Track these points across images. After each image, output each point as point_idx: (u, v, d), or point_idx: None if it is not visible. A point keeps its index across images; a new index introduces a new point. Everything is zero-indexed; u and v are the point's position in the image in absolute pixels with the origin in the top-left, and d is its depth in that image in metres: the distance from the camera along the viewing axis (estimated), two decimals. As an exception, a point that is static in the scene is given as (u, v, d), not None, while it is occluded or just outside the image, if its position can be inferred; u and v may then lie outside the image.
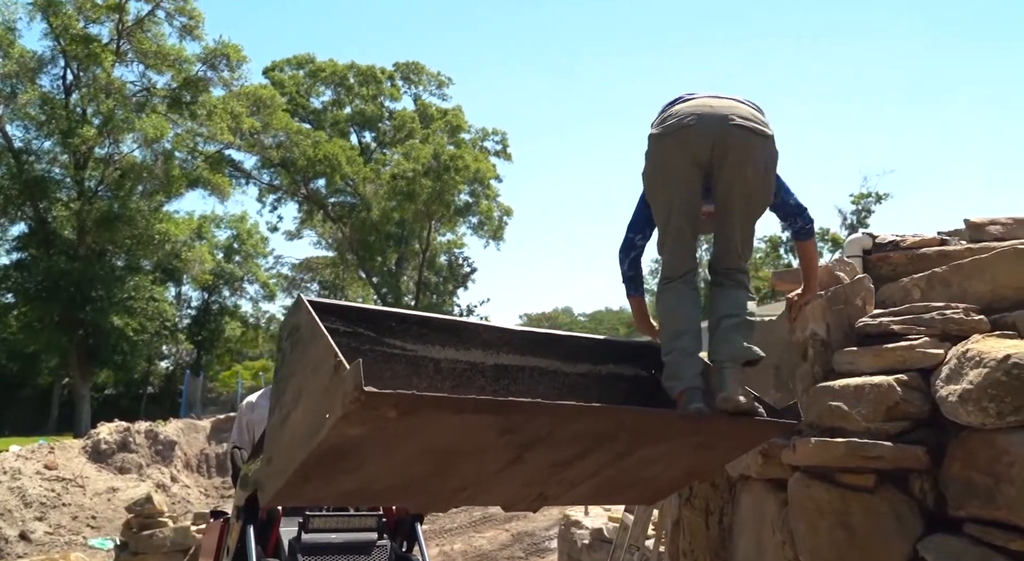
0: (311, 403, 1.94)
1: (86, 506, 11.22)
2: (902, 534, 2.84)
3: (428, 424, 1.91)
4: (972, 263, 3.35)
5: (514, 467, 2.27)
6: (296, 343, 2.13)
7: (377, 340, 2.47)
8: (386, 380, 2.37)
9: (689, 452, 2.69)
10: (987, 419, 2.63)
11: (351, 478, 2.14)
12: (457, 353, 2.61)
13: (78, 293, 23.94)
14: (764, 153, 2.73)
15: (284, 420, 2.11)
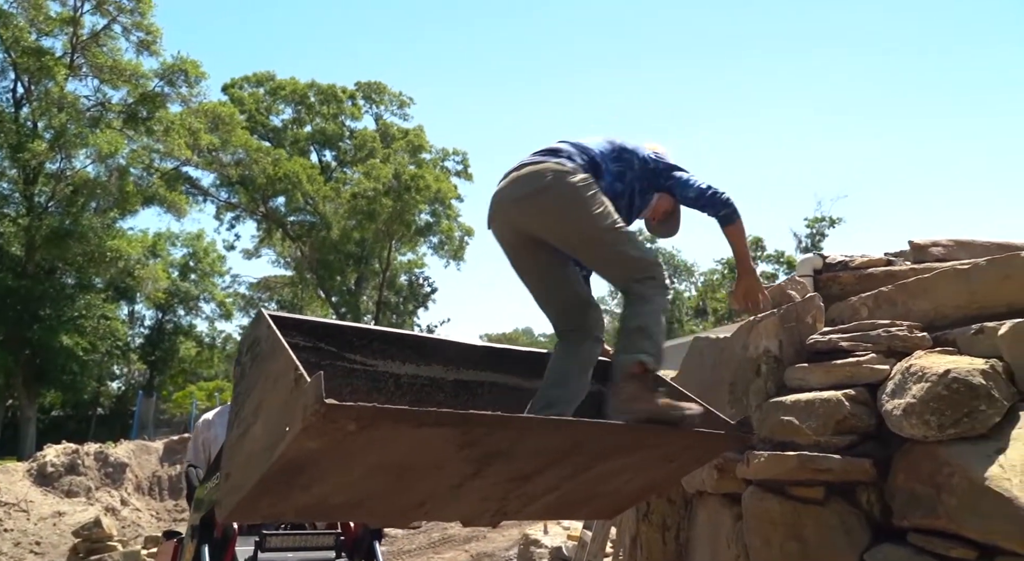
0: (271, 417, 1.93)
1: (30, 531, 10.84)
2: (850, 545, 2.91)
3: (388, 437, 1.92)
4: (916, 283, 3.49)
5: (473, 482, 2.28)
6: (256, 357, 2.13)
7: (338, 355, 2.48)
8: (346, 395, 2.40)
9: (648, 466, 2.73)
10: (929, 431, 2.73)
11: (309, 493, 2.12)
12: (417, 369, 2.64)
13: (25, 311, 23.30)
14: (551, 202, 2.65)
15: (243, 435, 2.10)
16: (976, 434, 2.69)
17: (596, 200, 2.63)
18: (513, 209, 2.70)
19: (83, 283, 26.31)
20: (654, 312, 2.63)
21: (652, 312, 2.62)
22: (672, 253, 47.88)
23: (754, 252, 39.09)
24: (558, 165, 2.65)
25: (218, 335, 42.78)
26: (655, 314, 2.63)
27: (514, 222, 2.73)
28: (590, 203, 2.62)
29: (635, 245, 2.72)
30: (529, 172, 2.69)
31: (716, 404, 3.80)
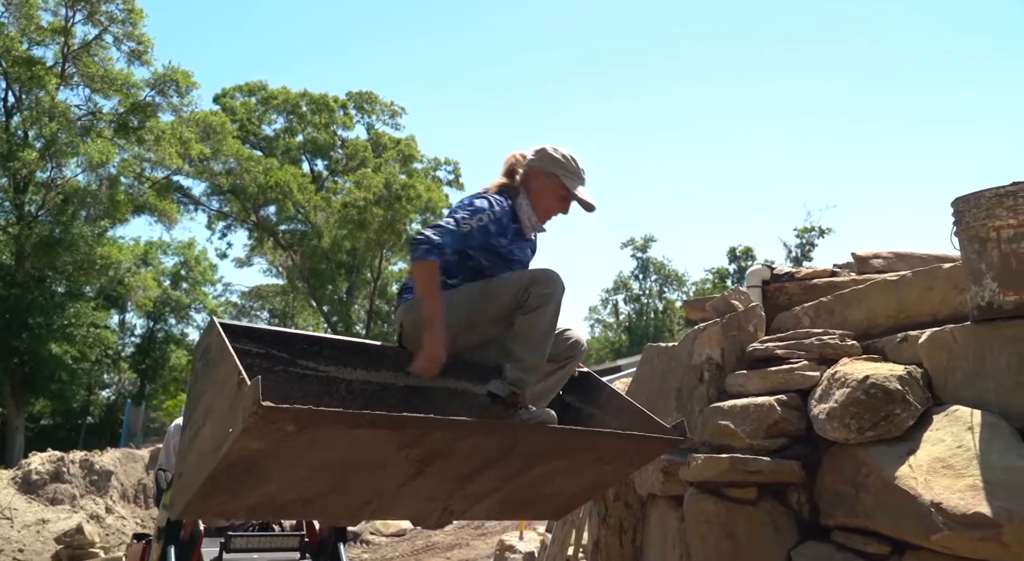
0: (218, 419, 2.04)
1: (13, 539, 10.90)
2: (779, 543, 3.07)
3: (327, 439, 2.02)
4: (851, 293, 3.66)
5: (416, 481, 2.39)
6: (207, 363, 2.25)
7: (291, 361, 2.57)
8: (299, 399, 2.47)
9: (584, 468, 2.82)
10: (849, 434, 2.89)
11: (256, 492, 2.23)
12: (368, 374, 2.71)
13: (14, 320, 23.29)
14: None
15: (194, 436, 2.22)
16: (892, 436, 2.86)
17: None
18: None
19: (73, 291, 26.28)
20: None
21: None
22: (663, 263, 48.16)
23: (744, 261, 39.34)
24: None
25: (209, 344, 42.69)
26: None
27: None
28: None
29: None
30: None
31: (664, 410, 3.96)
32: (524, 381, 2.44)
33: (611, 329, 50.32)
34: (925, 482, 2.58)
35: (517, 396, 2.43)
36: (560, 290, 2.46)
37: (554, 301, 2.44)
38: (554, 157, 2.75)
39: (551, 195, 2.74)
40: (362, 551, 12.21)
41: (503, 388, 2.42)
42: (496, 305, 2.48)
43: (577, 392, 2.95)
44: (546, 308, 2.41)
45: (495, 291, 2.50)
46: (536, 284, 2.42)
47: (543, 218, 2.76)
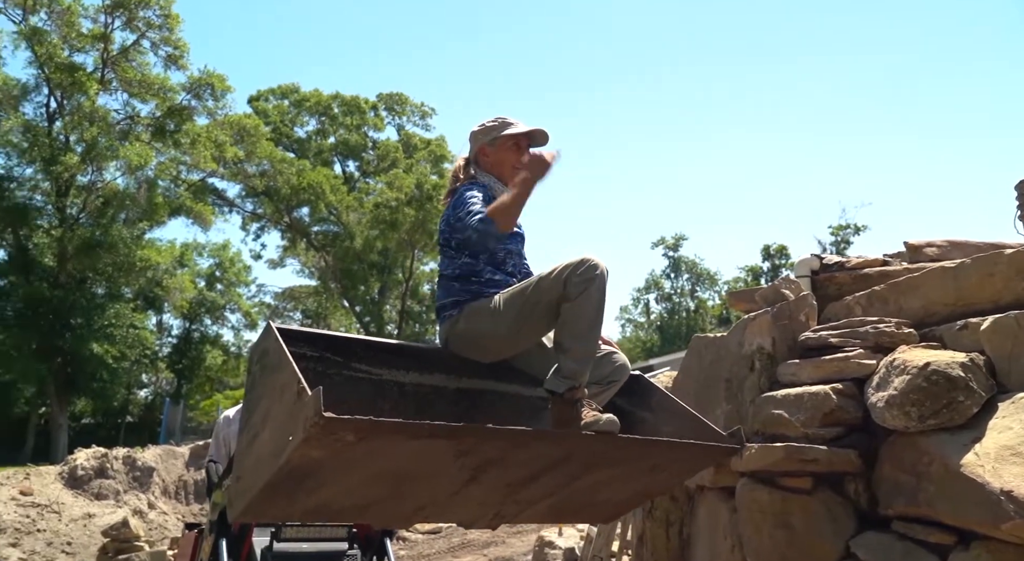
0: (277, 425, 2.06)
1: (61, 532, 11.15)
2: (836, 532, 3.02)
3: (385, 448, 2.03)
4: (906, 281, 3.59)
5: (470, 488, 2.38)
6: (264, 368, 2.26)
7: (344, 365, 2.57)
8: (352, 403, 2.43)
9: (637, 475, 2.77)
10: (909, 422, 2.84)
11: (313, 497, 2.25)
12: (420, 377, 2.70)
13: (57, 321, 23.84)
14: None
15: (252, 440, 2.23)
16: (955, 424, 2.79)
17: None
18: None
19: (113, 293, 26.84)
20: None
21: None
22: (695, 261, 47.79)
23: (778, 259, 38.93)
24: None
25: (244, 344, 43.29)
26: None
27: None
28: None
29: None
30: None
31: (713, 400, 3.93)
32: (579, 372, 2.40)
33: (642, 328, 50.07)
34: (993, 470, 2.52)
35: (575, 390, 2.39)
36: (600, 272, 2.40)
37: (596, 284, 2.38)
38: (483, 129, 2.82)
39: (505, 154, 2.79)
40: (399, 548, 12.28)
41: (560, 383, 2.40)
42: (540, 302, 2.45)
43: (627, 395, 2.90)
44: (589, 293, 2.37)
45: (536, 289, 2.47)
46: (575, 272, 2.38)
47: (513, 178, 2.64)
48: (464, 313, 2.60)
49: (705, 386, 4.02)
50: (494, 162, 2.80)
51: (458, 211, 2.62)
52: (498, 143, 2.80)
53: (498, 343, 2.57)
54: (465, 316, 2.59)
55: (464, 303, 2.62)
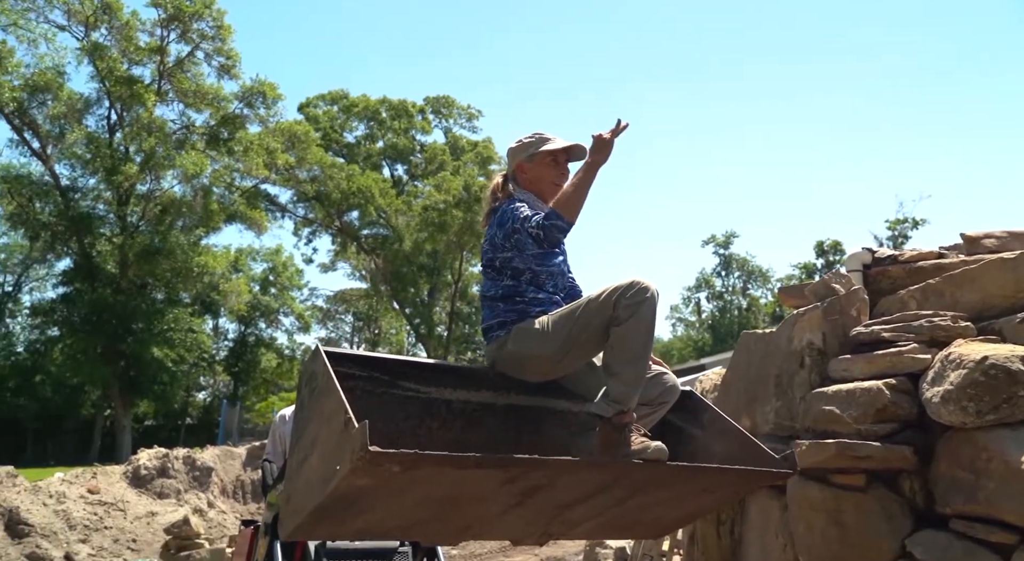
0: (325, 452, 2.09)
1: (127, 529, 11.53)
2: (892, 531, 2.95)
3: (432, 476, 2.05)
4: (963, 273, 3.49)
5: (517, 509, 2.38)
6: (313, 391, 2.29)
7: (392, 383, 2.58)
8: (399, 421, 2.52)
9: (690, 497, 2.75)
10: (967, 418, 2.76)
11: (361, 519, 2.29)
12: (468, 394, 2.69)
13: (120, 325, 24.68)
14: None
15: (302, 463, 2.28)
16: (1016, 420, 2.71)
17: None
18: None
19: (171, 298, 27.69)
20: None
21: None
22: (746, 259, 47.04)
23: (833, 255, 38.04)
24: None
25: (297, 347, 44.18)
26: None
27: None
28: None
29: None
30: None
31: (762, 397, 3.87)
32: (628, 396, 2.36)
33: (693, 328, 49.47)
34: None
35: (624, 414, 2.35)
36: (651, 296, 2.36)
37: (645, 307, 2.35)
38: (520, 146, 2.79)
39: (544, 170, 2.76)
40: (450, 548, 12.38)
41: (608, 407, 2.36)
42: (589, 325, 2.42)
43: (678, 411, 2.86)
44: (638, 316, 2.34)
45: (585, 311, 2.44)
46: (624, 295, 2.35)
47: (552, 195, 2.67)
48: (512, 334, 2.58)
49: (754, 383, 3.96)
50: (532, 178, 2.77)
51: (505, 227, 2.60)
52: (536, 159, 2.76)
53: (546, 364, 2.55)
54: (513, 337, 2.57)
55: (511, 324, 2.60)
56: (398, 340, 46.72)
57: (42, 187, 25.42)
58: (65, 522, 11.20)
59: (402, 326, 43.14)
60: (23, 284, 38.82)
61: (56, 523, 11.11)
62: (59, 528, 11.02)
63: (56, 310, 27.39)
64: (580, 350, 2.49)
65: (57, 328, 27.79)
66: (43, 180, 25.61)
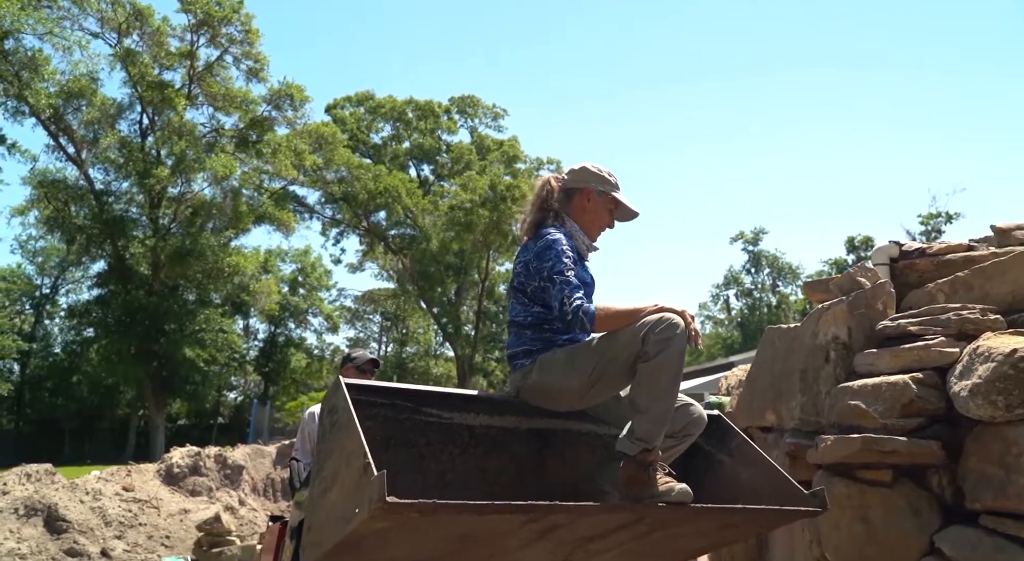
0: (344, 490, 2.10)
1: (160, 526, 11.72)
2: (919, 527, 2.91)
3: (451, 520, 2.06)
4: (993, 265, 3.43)
5: (539, 542, 2.36)
6: (335, 424, 2.29)
7: (414, 409, 2.57)
8: (421, 446, 2.52)
9: (713, 531, 2.72)
10: (996, 412, 2.71)
11: (383, 553, 2.30)
12: (491, 419, 2.66)
13: (153, 326, 25.06)
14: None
15: (323, 494, 2.29)
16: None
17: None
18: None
19: (202, 299, 28.06)
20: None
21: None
22: (776, 256, 46.52)
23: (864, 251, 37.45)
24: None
25: (326, 347, 44.58)
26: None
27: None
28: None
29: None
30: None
31: (787, 392, 3.84)
32: (654, 434, 2.33)
33: (722, 325, 49.02)
34: (1086, 460, 2.39)
35: (648, 452, 2.31)
36: (680, 331, 2.32)
37: (674, 343, 2.30)
38: (600, 175, 2.71)
39: (603, 212, 2.72)
40: None
41: (633, 445, 2.32)
42: (617, 359, 2.39)
43: (706, 435, 2.81)
44: (666, 355, 2.30)
45: (613, 345, 2.40)
46: (652, 331, 2.31)
47: (595, 236, 2.71)
48: (537, 364, 2.53)
49: (779, 378, 3.93)
50: (589, 210, 2.71)
51: (543, 267, 2.51)
52: (604, 197, 2.71)
53: (572, 397, 2.51)
54: (538, 368, 2.53)
55: (536, 353, 2.56)
56: (425, 339, 46.96)
57: (77, 191, 25.89)
58: (101, 519, 11.41)
59: (429, 325, 43.31)
60: (60, 286, 39.65)
61: (93, 519, 11.32)
62: (95, 524, 11.23)
63: (91, 311, 27.90)
64: (607, 384, 2.46)
65: (92, 329, 28.31)
66: (78, 184, 26.09)
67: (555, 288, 2.44)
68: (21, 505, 11.22)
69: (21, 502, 11.27)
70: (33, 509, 11.19)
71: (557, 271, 2.46)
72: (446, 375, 43.22)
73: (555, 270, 2.47)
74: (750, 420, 4.24)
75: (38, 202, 26.58)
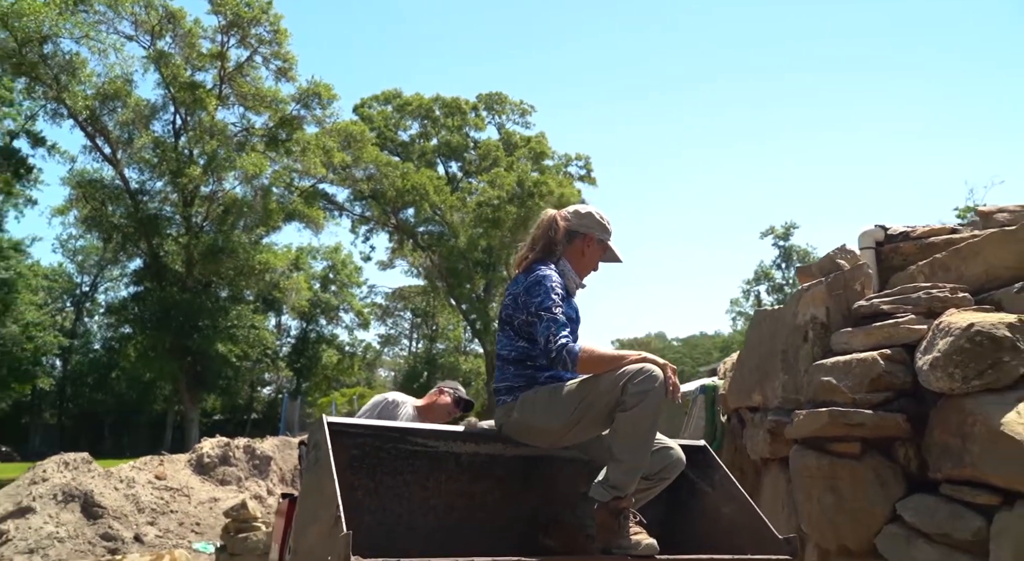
0: (321, 531, 2.18)
1: (191, 513, 12.10)
2: (885, 496, 3.02)
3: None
4: (968, 246, 3.51)
5: None
6: (316, 461, 2.38)
7: (400, 439, 2.65)
8: (406, 474, 2.60)
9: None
10: (954, 384, 2.81)
11: None
12: (477, 447, 2.71)
13: (187, 322, 25.64)
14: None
15: (306, 526, 2.41)
16: (1001, 385, 2.76)
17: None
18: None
19: (235, 295, 28.64)
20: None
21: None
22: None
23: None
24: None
25: (358, 344, 45.13)
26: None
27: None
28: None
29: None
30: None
31: (771, 372, 3.95)
32: (626, 484, 2.38)
33: (753, 321, 48.60)
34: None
35: (620, 500, 2.37)
36: (657, 386, 2.34)
37: (651, 399, 2.34)
38: (602, 224, 2.80)
39: (596, 256, 2.80)
40: None
41: (605, 492, 2.38)
42: (596, 405, 2.43)
43: (692, 465, 2.86)
44: (643, 407, 2.33)
45: (593, 390, 2.44)
46: (632, 381, 2.34)
47: (584, 276, 2.79)
48: (519, 402, 2.57)
49: (765, 359, 4.04)
50: (587, 253, 2.78)
51: (532, 302, 2.55)
52: (600, 244, 2.81)
53: (551, 437, 2.56)
54: (520, 406, 2.56)
55: (518, 390, 2.59)
56: (455, 336, 47.24)
57: (113, 191, 26.58)
58: (135, 505, 11.83)
59: (459, 322, 43.60)
60: (99, 284, 40.73)
61: (126, 506, 11.74)
62: (129, 511, 11.64)
63: (128, 308, 28.64)
64: (585, 428, 2.50)
65: (129, 326, 29.05)
66: (114, 184, 26.78)
67: (542, 324, 2.48)
68: (59, 491, 11.68)
69: (59, 489, 11.73)
70: (71, 495, 11.64)
71: (545, 307, 2.50)
72: (475, 371, 43.52)
73: (543, 306, 2.51)
74: (739, 401, 4.35)
75: (77, 202, 27.34)
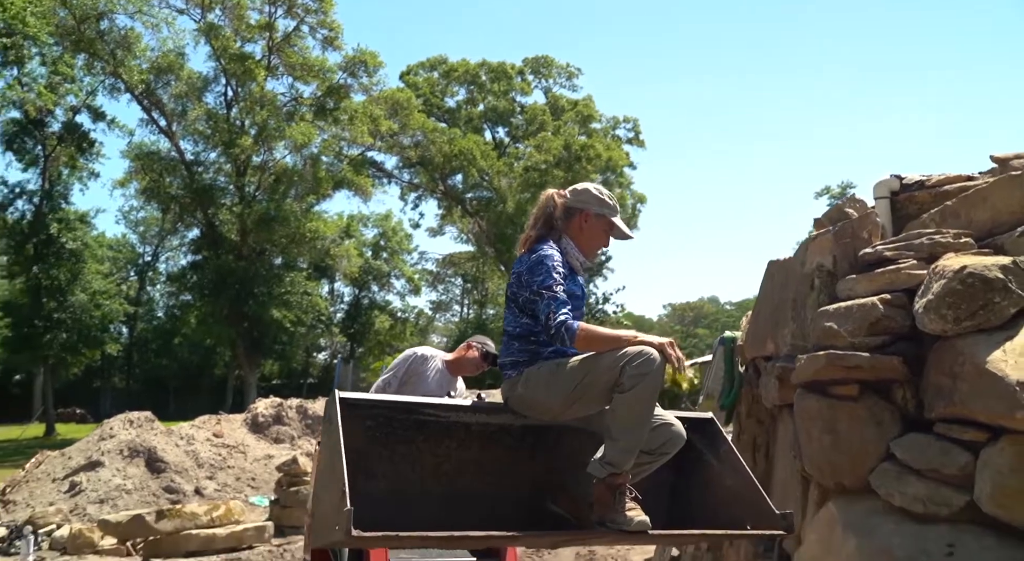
0: (329, 501, 2.30)
1: (247, 469, 12.69)
2: (880, 436, 3.10)
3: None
4: (975, 193, 3.52)
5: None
6: (329, 436, 2.49)
7: (413, 409, 2.72)
8: (419, 441, 2.71)
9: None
10: (946, 325, 2.87)
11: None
12: (488, 417, 2.79)
13: (243, 289, 26.51)
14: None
15: (323, 490, 2.56)
16: (992, 326, 2.81)
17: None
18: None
19: (288, 263, 29.43)
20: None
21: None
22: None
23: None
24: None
25: (410, 310, 45.87)
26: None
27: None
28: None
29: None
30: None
31: (780, 321, 4.02)
32: (622, 461, 2.44)
33: (807, 284, 47.76)
34: (1015, 364, 2.54)
35: (617, 476, 2.43)
36: (656, 369, 2.39)
37: (648, 382, 2.38)
38: (599, 198, 2.82)
39: (599, 233, 2.84)
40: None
41: (602, 469, 2.45)
42: (595, 385, 2.49)
43: (700, 433, 2.94)
44: (640, 389, 2.38)
45: (593, 370, 2.49)
46: (630, 364, 2.38)
47: (590, 255, 2.83)
48: (523, 377, 2.64)
49: (777, 308, 4.11)
50: (587, 229, 2.82)
51: (534, 280, 2.62)
52: (601, 220, 2.83)
53: (552, 412, 2.64)
54: (523, 381, 2.64)
55: (523, 365, 2.66)
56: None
57: (170, 162, 27.44)
58: (194, 461, 12.46)
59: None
60: (160, 254, 42.17)
61: (187, 462, 12.37)
62: (189, 466, 12.27)
63: (187, 277, 29.67)
64: (584, 405, 2.57)
65: (189, 293, 30.13)
66: (170, 156, 27.64)
67: (543, 302, 2.55)
68: (125, 447, 12.38)
69: (125, 444, 12.43)
70: (136, 451, 12.33)
71: (546, 286, 2.57)
72: (524, 335, 43.87)
73: (544, 285, 2.58)
74: (754, 351, 4.43)
75: (136, 174, 28.31)
